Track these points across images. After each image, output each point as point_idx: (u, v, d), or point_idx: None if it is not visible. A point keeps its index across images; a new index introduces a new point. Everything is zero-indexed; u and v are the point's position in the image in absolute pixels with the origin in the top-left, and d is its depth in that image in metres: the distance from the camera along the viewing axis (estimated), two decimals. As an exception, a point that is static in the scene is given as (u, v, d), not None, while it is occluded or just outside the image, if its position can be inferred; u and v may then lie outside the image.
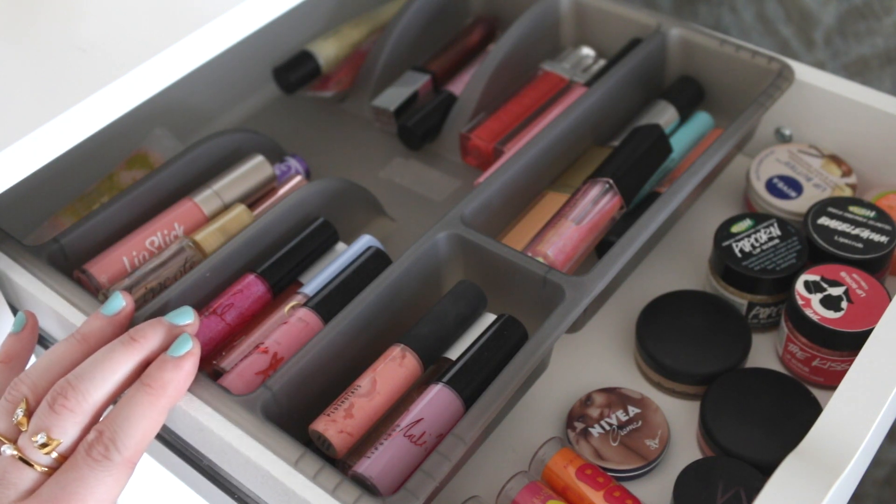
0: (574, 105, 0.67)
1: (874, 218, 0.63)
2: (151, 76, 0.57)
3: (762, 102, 0.65)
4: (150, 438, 0.46)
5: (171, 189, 0.64)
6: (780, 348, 0.61)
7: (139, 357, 0.48)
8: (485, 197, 0.60)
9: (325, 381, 0.52)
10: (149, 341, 0.48)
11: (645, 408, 0.58)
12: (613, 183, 0.62)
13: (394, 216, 0.68)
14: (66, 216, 0.68)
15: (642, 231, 0.57)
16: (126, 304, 0.51)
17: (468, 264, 0.59)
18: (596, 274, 0.54)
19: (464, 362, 0.51)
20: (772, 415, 0.56)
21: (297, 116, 0.80)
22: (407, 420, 0.49)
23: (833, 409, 0.48)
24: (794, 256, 0.61)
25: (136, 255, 0.60)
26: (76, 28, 0.60)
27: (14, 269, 0.57)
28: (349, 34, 0.81)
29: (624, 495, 0.52)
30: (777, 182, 0.68)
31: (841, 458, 0.46)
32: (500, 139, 0.71)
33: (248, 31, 0.62)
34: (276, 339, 0.54)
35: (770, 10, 0.89)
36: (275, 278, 0.58)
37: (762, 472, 0.52)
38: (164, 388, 0.47)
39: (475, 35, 0.81)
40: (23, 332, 0.52)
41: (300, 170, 0.69)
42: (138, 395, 0.46)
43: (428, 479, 0.45)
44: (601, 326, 0.64)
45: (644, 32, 0.74)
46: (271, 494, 0.49)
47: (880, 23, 0.84)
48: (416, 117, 0.74)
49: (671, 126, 0.71)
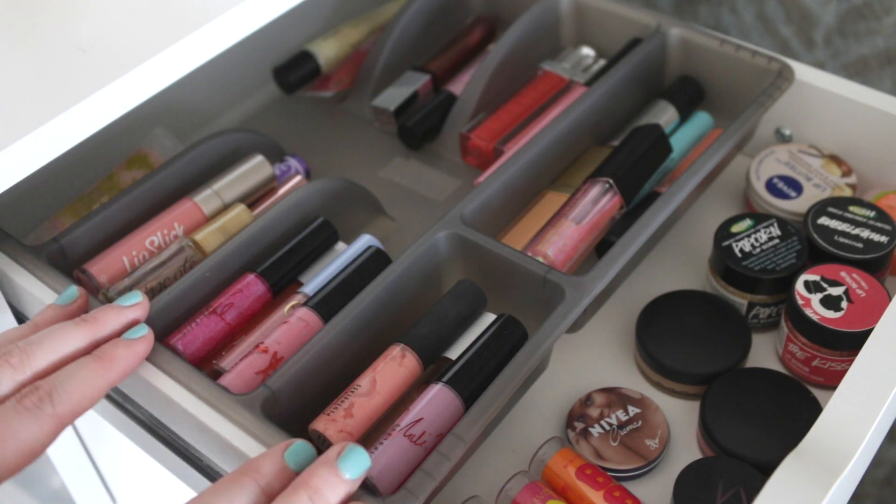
0: (574, 105, 0.67)
1: (874, 218, 0.63)
2: (151, 76, 0.57)
3: (762, 102, 0.65)
4: (86, 406, 0.46)
5: (171, 189, 0.64)
6: (780, 348, 0.61)
7: (90, 337, 0.48)
8: (485, 197, 0.60)
9: (325, 380, 0.52)
10: (99, 323, 0.49)
11: (645, 408, 0.58)
12: (613, 183, 0.62)
13: (394, 216, 0.68)
14: (66, 216, 0.68)
15: (642, 231, 0.57)
16: (79, 295, 0.51)
17: (468, 264, 0.59)
18: (596, 274, 0.54)
19: (464, 362, 0.51)
20: (772, 415, 0.56)
21: (297, 116, 0.80)
22: (407, 420, 0.49)
23: (833, 409, 0.48)
24: (794, 256, 0.61)
25: (135, 255, 0.60)
26: (76, 28, 0.60)
27: (14, 269, 0.57)
28: (349, 34, 0.81)
29: (624, 495, 0.52)
30: (777, 182, 0.68)
31: (841, 458, 0.46)
32: (500, 139, 0.71)
33: (248, 31, 0.62)
34: (275, 338, 0.54)
35: (770, 10, 0.89)
36: (275, 278, 0.58)
37: (762, 472, 0.52)
38: (113, 361, 0.47)
39: (475, 35, 0.81)
40: (69, 307, 0.51)
41: (300, 170, 0.69)
42: (86, 362, 0.46)
43: (428, 478, 0.45)
44: (601, 326, 0.64)
45: (644, 32, 0.74)
46: (271, 494, 0.49)
47: (880, 23, 0.84)
48: (416, 117, 0.74)
49: (671, 126, 0.71)
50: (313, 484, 0.41)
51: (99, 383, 0.46)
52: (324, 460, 0.42)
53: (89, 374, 0.46)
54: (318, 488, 0.41)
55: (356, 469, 0.42)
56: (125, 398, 0.59)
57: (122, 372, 0.48)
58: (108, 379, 0.47)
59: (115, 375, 0.47)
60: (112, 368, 0.47)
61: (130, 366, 0.48)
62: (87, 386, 0.45)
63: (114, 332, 0.50)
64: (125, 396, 0.58)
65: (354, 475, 0.42)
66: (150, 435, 0.58)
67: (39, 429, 0.43)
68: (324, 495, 0.41)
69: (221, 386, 0.50)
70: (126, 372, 0.48)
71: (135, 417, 0.59)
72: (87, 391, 0.45)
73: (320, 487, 0.41)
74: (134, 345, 0.48)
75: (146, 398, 0.55)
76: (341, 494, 0.42)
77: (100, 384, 0.46)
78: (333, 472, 0.42)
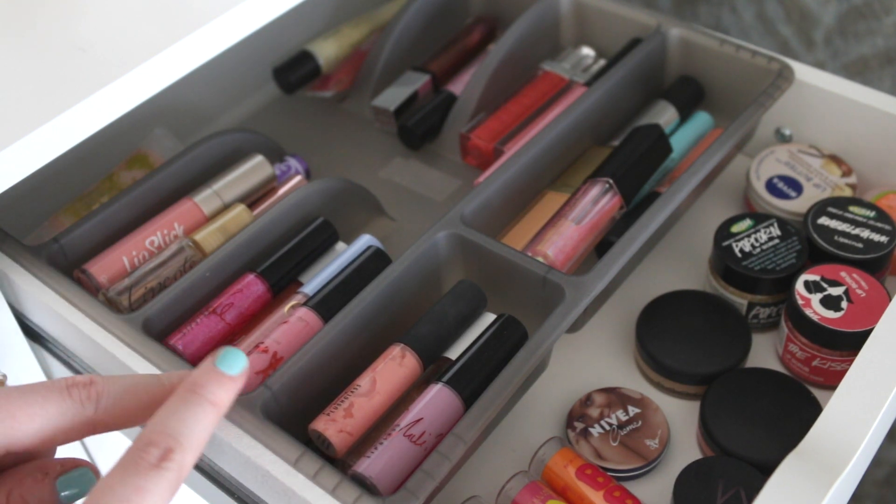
0: (574, 105, 0.67)
1: (874, 218, 0.63)
2: (151, 76, 0.57)
3: (762, 102, 0.65)
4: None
5: (171, 189, 0.64)
6: (780, 348, 0.61)
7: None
8: (485, 197, 0.60)
9: (325, 380, 0.52)
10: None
11: (645, 408, 0.58)
12: (613, 183, 0.62)
13: (394, 216, 0.68)
14: (66, 216, 0.68)
15: (642, 231, 0.57)
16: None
17: (468, 264, 0.59)
18: (596, 274, 0.54)
19: (464, 362, 0.51)
20: (772, 415, 0.56)
21: (297, 116, 0.80)
22: (407, 420, 0.49)
23: (833, 409, 0.48)
24: (794, 256, 0.61)
25: (135, 255, 0.60)
26: (76, 28, 0.60)
27: (14, 269, 0.57)
28: (349, 34, 0.81)
29: (624, 495, 0.52)
30: (777, 182, 0.68)
31: (841, 458, 0.46)
32: (500, 139, 0.71)
33: (248, 31, 0.62)
34: (275, 338, 0.54)
35: (770, 10, 0.89)
36: (275, 278, 0.58)
37: (762, 472, 0.52)
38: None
39: (475, 35, 0.81)
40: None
41: (300, 170, 0.69)
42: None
43: (428, 478, 0.45)
44: (601, 326, 0.64)
45: (644, 32, 0.74)
46: (271, 494, 0.49)
47: (880, 23, 0.84)
48: (416, 117, 0.74)
49: (671, 126, 0.71)
50: (201, 382, 0.41)
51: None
52: (201, 366, 0.42)
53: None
54: (204, 384, 0.41)
55: (235, 366, 0.42)
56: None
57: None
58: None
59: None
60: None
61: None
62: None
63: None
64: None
65: (236, 371, 0.42)
66: (150, 435, 0.58)
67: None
68: (212, 391, 0.41)
69: (221, 386, 0.50)
70: None
71: (135, 417, 0.59)
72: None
73: (206, 384, 0.41)
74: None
75: (146, 398, 0.55)
76: (231, 391, 0.42)
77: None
78: (216, 372, 0.42)
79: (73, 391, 0.41)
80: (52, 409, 0.41)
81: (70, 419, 0.41)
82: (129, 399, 0.42)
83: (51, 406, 0.41)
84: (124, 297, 0.57)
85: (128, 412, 0.42)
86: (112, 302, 0.57)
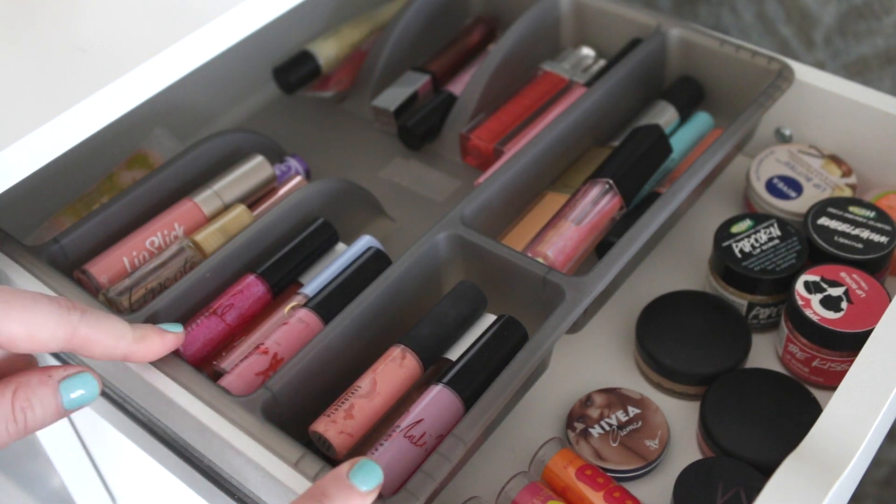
0: (574, 105, 0.67)
1: (874, 218, 0.63)
2: (151, 76, 0.57)
3: (762, 102, 0.65)
4: (99, 353, 0.47)
5: (171, 189, 0.64)
6: (780, 349, 0.61)
7: None
8: (485, 197, 0.60)
9: (326, 381, 0.52)
10: None
11: (645, 408, 0.58)
12: (613, 183, 0.62)
13: (394, 216, 0.68)
14: (66, 216, 0.68)
15: (642, 231, 0.57)
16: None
17: (468, 265, 0.59)
18: (596, 274, 0.54)
19: (464, 363, 0.51)
20: (772, 415, 0.56)
21: (297, 116, 0.80)
22: (407, 421, 0.49)
23: (833, 409, 0.48)
24: (794, 257, 0.61)
25: (136, 256, 0.60)
26: (76, 28, 0.60)
27: (14, 269, 0.57)
28: (349, 34, 0.81)
29: (624, 496, 0.52)
30: (777, 182, 0.68)
31: (841, 458, 0.46)
32: (500, 139, 0.71)
33: (248, 31, 0.62)
34: (276, 339, 0.54)
35: (770, 10, 0.89)
36: (275, 279, 0.58)
37: (762, 473, 0.52)
38: (144, 341, 0.49)
39: (475, 35, 0.81)
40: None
41: (300, 170, 0.69)
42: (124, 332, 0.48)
43: (428, 479, 0.45)
44: (601, 326, 0.64)
45: (644, 32, 0.74)
46: (271, 495, 0.49)
47: (880, 23, 0.84)
48: (416, 117, 0.73)
49: (671, 126, 0.71)
50: (329, 492, 0.41)
51: (122, 345, 0.47)
52: (335, 473, 0.42)
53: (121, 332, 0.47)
54: (331, 495, 0.41)
55: (369, 482, 0.42)
56: (125, 398, 0.59)
57: (146, 355, 0.49)
58: (129, 350, 0.48)
59: (139, 353, 0.49)
60: (140, 346, 0.49)
61: (154, 353, 0.50)
62: (112, 339, 0.47)
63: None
64: (125, 396, 0.58)
65: (368, 487, 0.42)
66: (150, 435, 0.58)
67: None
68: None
69: (222, 387, 0.50)
70: (147, 357, 0.50)
71: (135, 417, 0.59)
72: (110, 342, 0.47)
73: (334, 496, 0.41)
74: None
75: (146, 399, 0.55)
76: None
77: (122, 347, 0.47)
78: (346, 484, 0.41)
79: (62, 300, 0.45)
80: (41, 306, 0.44)
81: (55, 319, 0.44)
82: (107, 325, 0.46)
83: (41, 302, 0.44)
84: (125, 297, 0.57)
85: (104, 335, 0.46)
86: (112, 302, 0.57)
